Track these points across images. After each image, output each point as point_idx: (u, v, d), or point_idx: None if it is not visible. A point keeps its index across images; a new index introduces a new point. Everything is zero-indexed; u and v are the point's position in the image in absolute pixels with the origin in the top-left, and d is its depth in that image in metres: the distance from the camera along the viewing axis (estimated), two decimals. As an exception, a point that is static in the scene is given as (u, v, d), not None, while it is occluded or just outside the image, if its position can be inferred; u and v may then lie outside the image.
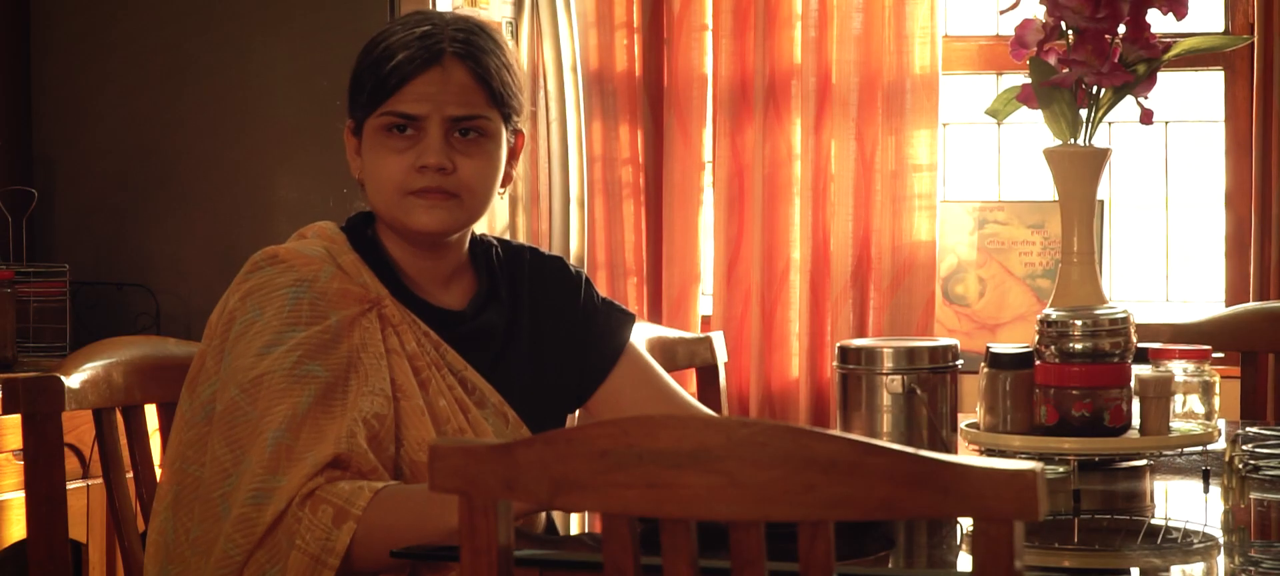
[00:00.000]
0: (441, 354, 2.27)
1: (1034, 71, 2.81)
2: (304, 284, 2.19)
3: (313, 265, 2.22)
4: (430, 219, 2.25)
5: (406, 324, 2.25)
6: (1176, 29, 3.36)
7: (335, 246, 2.27)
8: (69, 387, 2.29)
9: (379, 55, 2.25)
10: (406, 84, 2.22)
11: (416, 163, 2.23)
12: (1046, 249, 4.29)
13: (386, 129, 2.24)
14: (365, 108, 2.26)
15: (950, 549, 2.05)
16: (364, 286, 2.24)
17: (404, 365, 2.22)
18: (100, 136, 3.79)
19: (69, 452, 2.31)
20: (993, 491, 1.43)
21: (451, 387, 2.25)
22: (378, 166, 2.25)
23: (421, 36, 2.23)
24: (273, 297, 2.18)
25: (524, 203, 3.99)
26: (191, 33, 3.73)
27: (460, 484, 1.58)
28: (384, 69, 2.23)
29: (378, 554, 2.05)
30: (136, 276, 3.73)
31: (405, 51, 2.23)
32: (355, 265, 2.26)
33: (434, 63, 2.23)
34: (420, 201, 2.24)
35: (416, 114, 2.23)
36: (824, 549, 1.48)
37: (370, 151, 2.26)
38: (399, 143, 2.24)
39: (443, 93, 2.23)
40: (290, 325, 2.16)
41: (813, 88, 4.31)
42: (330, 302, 2.20)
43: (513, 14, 3.95)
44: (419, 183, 2.24)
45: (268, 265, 2.22)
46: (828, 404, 4.33)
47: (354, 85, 2.29)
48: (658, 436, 1.50)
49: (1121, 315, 2.43)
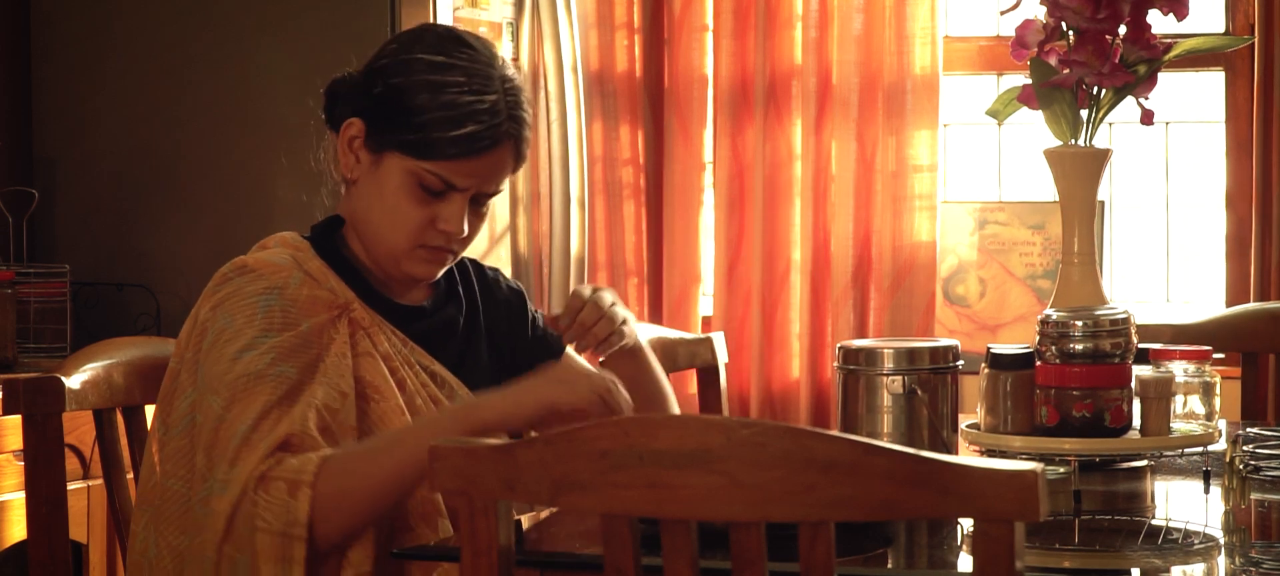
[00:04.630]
0: (411, 351, 2.28)
1: (1034, 72, 2.81)
2: (274, 292, 2.19)
3: (281, 273, 2.22)
4: (427, 271, 2.28)
5: (376, 326, 2.25)
6: (1177, 29, 3.36)
7: (300, 254, 2.27)
8: (69, 388, 2.29)
9: (445, 109, 2.19)
10: (465, 159, 2.20)
11: (436, 222, 2.23)
12: (1047, 249, 4.29)
13: (420, 183, 2.22)
14: (405, 147, 2.21)
15: (950, 549, 2.05)
16: (332, 291, 2.24)
17: (379, 366, 2.22)
18: (100, 136, 3.79)
19: (69, 453, 2.31)
20: (993, 492, 1.43)
21: (424, 385, 2.27)
22: (397, 209, 2.23)
23: (491, 111, 2.20)
24: (243, 306, 2.18)
25: (524, 203, 3.99)
26: (191, 33, 3.73)
27: (460, 484, 1.58)
28: (449, 132, 2.19)
29: (338, 521, 2.06)
30: (136, 277, 3.73)
31: (474, 126, 2.19)
32: (321, 271, 2.25)
33: (496, 147, 2.22)
34: (426, 257, 2.26)
35: (459, 187, 2.22)
36: (824, 549, 1.48)
37: (390, 187, 2.23)
38: (425, 197, 2.23)
39: (490, 173, 2.24)
40: (264, 331, 2.16)
41: (813, 88, 4.31)
42: (301, 309, 2.19)
43: (513, 14, 3.95)
44: (434, 241, 2.24)
45: (236, 276, 2.21)
46: (828, 404, 4.33)
47: (391, 107, 2.22)
48: (658, 436, 1.50)
49: (1122, 315, 2.43)
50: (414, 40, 2.26)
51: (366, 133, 2.25)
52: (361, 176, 2.26)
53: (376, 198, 2.25)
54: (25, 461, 2.27)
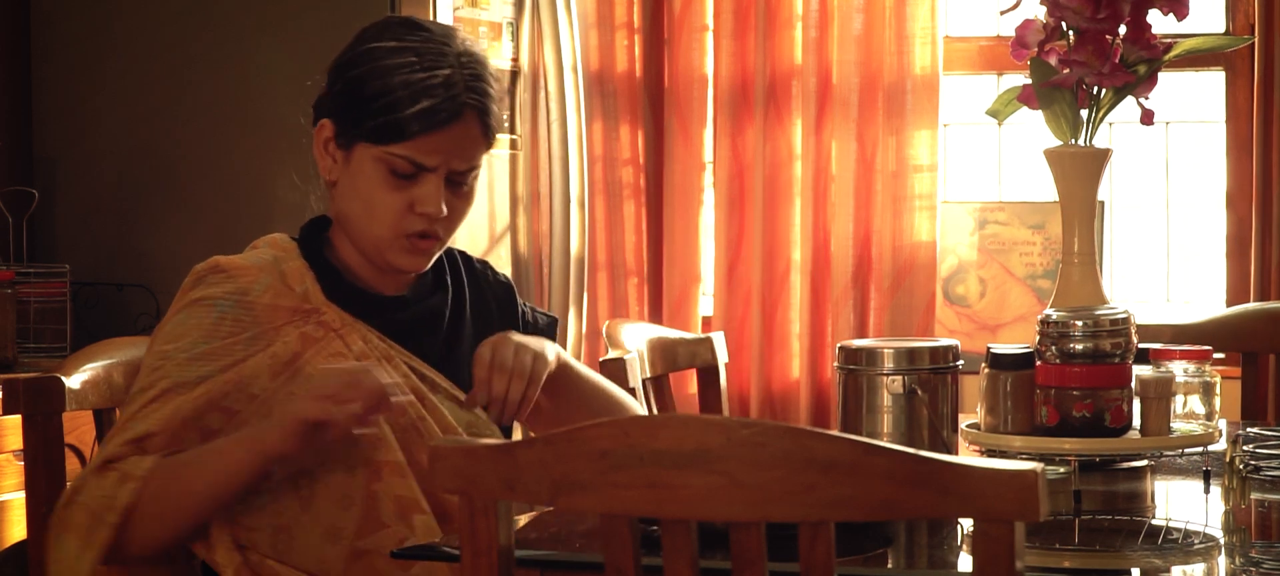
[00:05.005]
0: (390, 347, 2.28)
1: (1034, 72, 2.80)
2: (235, 297, 2.22)
3: (251, 274, 2.25)
4: (413, 262, 2.29)
5: (348, 327, 2.26)
6: (1177, 29, 3.36)
7: (283, 254, 2.29)
8: (69, 388, 2.29)
9: (397, 89, 2.21)
10: (426, 136, 2.21)
11: (414, 206, 2.24)
12: (1047, 249, 4.29)
13: (390, 169, 2.23)
14: (369, 135, 2.23)
15: (950, 549, 2.05)
16: (304, 295, 2.25)
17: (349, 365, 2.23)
18: (100, 136, 3.79)
19: (69, 453, 2.31)
20: (993, 492, 1.43)
21: (406, 377, 2.26)
22: (372, 199, 2.25)
23: (444, 84, 2.21)
24: (202, 307, 2.22)
25: (524, 203, 3.99)
26: (191, 33, 3.73)
27: (460, 484, 1.58)
28: (403, 111, 2.20)
29: (155, 521, 2.11)
30: (136, 277, 3.73)
31: (428, 100, 2.20)
32: (299, 272, 2.27)
33: (455, 118, 2.22)
34: (409, 245, 2.26)
35: (428, 166, 2.23)
36: (824, 549, 1.48)
37: (362, 178, 2.25)
38: (398, 182, 2.23)
39: (456, 148, 2.23)
40: (208, 337, 2.20)
41: (813, 88, 4.31)
42: (258, 315, 2.22)
43: (513, 14, 3.95)
44: (414, 226, 2.25)
45: (209, 274, 2.25)
46: (828, 404, 4.33)
47: (351, 100, 2.25)
48: (658, 436, 1.50)
49: (1122, 315, 2.43)
50: (369, 32, 2.29)
51: (335, 131, 2.27)
52: (339, 175, 2.28)
53: (353, 193, 2.26)
54: (25, 461, 2.27)
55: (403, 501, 2.19)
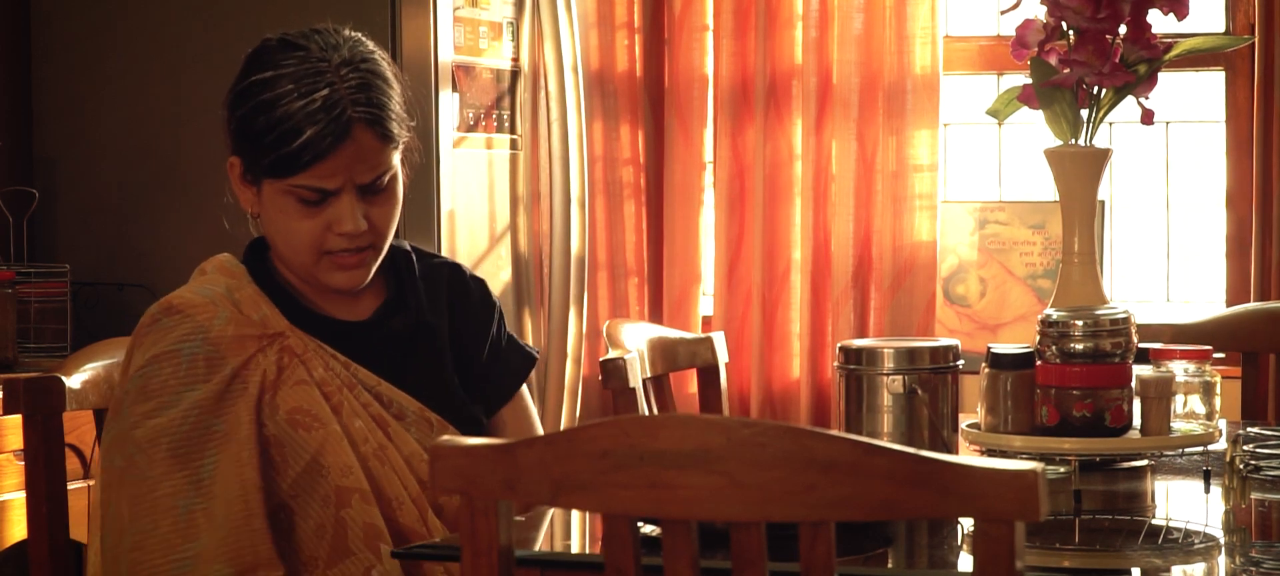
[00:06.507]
0: (352, 372, 2.24)
1: (1035, 72, 2.81)
2: (198, 335, 2.18)
3: (207, 310, 2.20)
4: (348, 279, 2.25)
5: (311, 351, 2.22)
6: (1177, 29, 3.35)
7: (235, 281, 2.25)
8: (70, 388, 2.29)
9: (280, 124, 2.17)
10: (318, 163, 2.17)
11: (330, 227, 2.20)
12: (1047, 249, 4.29)
13: (298, 199, 2.20)
14: (267, 171, 2.19)
15: (950, 549, 2.05)
16: (264, 321, 2.22)
17: (314, 393, 2.20)
18: (100, 136, 3.79)
19: (69, 452, 2.31)
20: (994, 492, 1.43)
21: (367, 405, 2.23)
22: (287, 228, 2.22)
23: (326, 106, 2.16)
24: (168, 356, 2.17)
25: (524, 203, 3.99)
26: (191, 33, 3.73)
27: (460, 484, 1.58)
28: (291, 144, 2.16)
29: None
30: (137, 277, 3.73)
31: (313, 127, 2.16)
32: (254, 299, 2.23)
33: (344, 138, 2.17)
34: (336, 263, 2.23)
35: (331, 189, 2.19)
36: (824, 549, 1.48)
37: (275, 210, 2.22)
38: (308, 209, 2.20)
39: (354, 164, 2.19)
40: (187, 384, 2.16)
41: (814, 88, 4.31)
42: (227, 348, 2.18)
43: (513, 14, 3.95)
44: (335, 245, 2.21)
45: (164, 316, 2.20)
46: (829, 404, 4.33)
47: (244, 135, 2.21)
48: (659, 436, 1.50)
49: (1122, 315, 2.43)
50: (251, 62, 2.25)
51: (242, 168, 2.24)
52: (258, 208, 2.25)
53: (272, 224, 2.24)
54: (25, 461, 2.27)
55: (371, 529, 2.16)
